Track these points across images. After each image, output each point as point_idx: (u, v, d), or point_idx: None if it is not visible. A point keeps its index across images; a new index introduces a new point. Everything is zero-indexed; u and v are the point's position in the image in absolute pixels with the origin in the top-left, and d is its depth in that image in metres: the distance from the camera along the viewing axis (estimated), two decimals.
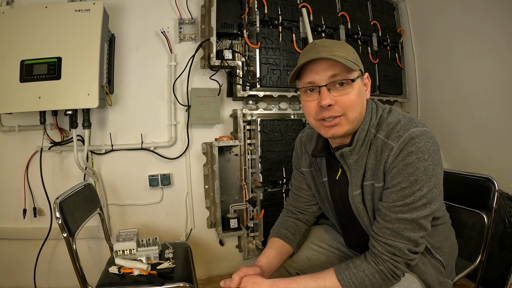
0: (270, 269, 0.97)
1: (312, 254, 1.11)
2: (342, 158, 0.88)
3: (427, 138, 0.77)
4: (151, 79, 1.81)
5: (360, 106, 0.83)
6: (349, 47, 0.86)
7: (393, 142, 0.79)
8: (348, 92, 0.80)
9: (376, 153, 0.83)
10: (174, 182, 1.87)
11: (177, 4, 1.80)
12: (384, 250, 0.79)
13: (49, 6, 1.48)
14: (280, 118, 1.84)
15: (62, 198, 1.12)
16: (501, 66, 1.69)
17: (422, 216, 0.77)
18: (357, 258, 0.84)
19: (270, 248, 1.02)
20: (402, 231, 0.78)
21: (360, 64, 0.85)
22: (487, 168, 1.78)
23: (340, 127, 0.83)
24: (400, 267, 0.79)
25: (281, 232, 1.07)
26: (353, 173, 0.88)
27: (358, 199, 0.88)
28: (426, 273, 0.87)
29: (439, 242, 0.92)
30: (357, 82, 0.82)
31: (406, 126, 0.79)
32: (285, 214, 1.15)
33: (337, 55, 0.79)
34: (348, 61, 0.79)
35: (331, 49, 0.81)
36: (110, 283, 1.17)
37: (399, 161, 0.77)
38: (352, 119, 0.82)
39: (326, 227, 1.18)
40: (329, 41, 0.85)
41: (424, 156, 0.76)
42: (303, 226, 1.11)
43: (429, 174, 0.76)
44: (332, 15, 1.98)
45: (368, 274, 0.78)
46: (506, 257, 1.54)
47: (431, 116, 2.15)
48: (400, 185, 0.77)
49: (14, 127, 1.63)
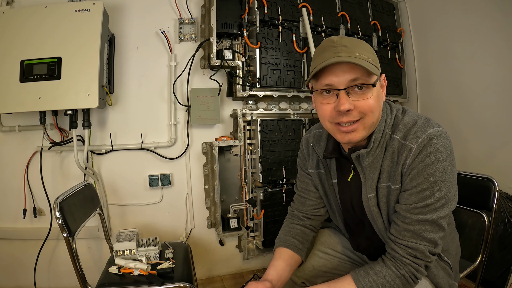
0: (280, 283, 0.91)
1: (318, 262, 1.07)
2: (357, 160, 0.85)
3: (444, 139, 0.76)
4: (151, 79, 1.81)
5: (378, 110, 0.80)
6: (369, 47, 0.81)
7: (411, 143, 0.77)
8: (368, 97, 0.77)
9: (392, 154, 0.81)
10: (174, 182, 1.87)
11: (177, 4, 1.80)
12: (406, 253, 0.77)
13: (49, 6, 1.48)
14: (280, 118, 1.84)
15: (62, 198, 1.12)
16: (501, 66, 1.69)
17: (442, 217, 0.76)
18: (376, 263, 0.81)
19: (278, 260, 0.96)
20: (423, 233, 0.76)
21: (379, 65, 0.81)
22: (487, 168, 1.77)
23: (357, 133, 0.80)
24: (421, 270, 0.77)
25: (289, 241, 1.01)
26: (367, 175, 0.85)
27: (372, 202, 0.85)
28: (438, 276, 0.86)
29: (447, 244, 0.91)
30: (376, 86, 0.79)
31: (423, 127, 0.78)
32: (290, 220, 1.08)
33: (358, 56, 0.75)
34: (369, 64, 0.75)
35: (351, 49, 0.76)
36: (110, 283, 1.17)
37: (419, 162, 0.76)
38: (369, 124, 0.79)
39: (330, 230, 1.14)
40: (348, 39, 0.79)
41: (443, 157, 0.75)
42: (310, 234, 1.06)
43: (448, 174, 0.76)
44: (332, 15, 1.98)
45: (389, 280, 0.76)
46: (506, 257, 1.54)
47: (431, 116, 2.07)
48: (420, 187, 0.76)
49: (14, 127, 1.63)
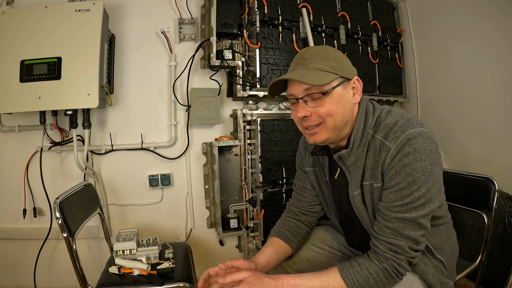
0: (266, 268, 0.97)
1: (313, 256, 1.11)
2: (340, 160, 0.90)
3: (424, 139, 0.78)
4: (151, 79, 1.81)
5: (341, 113, 0.84)
6: (331, 54, 0.85)
7: (391, 143, 0.80)
8: (323, 103, 0.82)
9: (374, 153, 0.84)
10: (174, 182, 1.87)
11: (177, 4, 1.80)
12: (386, 248, 0.80)
13: (49, 6, 1.48)
14: (280, 118, 1.84)
15: (62, 198, 1.12)
16: (501, 66, 1.70)
17: (421, 216, 0.78)
18: (360, 257, 0.84)
19: (269, 247, 1.02)
20: (402, 230, 0.79)
21: (343, 69, 0.84)
22: (487, 168, 1.78)
23: (320, 135, 0.86)
24: (403, 264, 0.79)
25: (282, 232, 1.07)
26: (352, 174, 0.89)
27: (358, 199, 0.89)
28: (427, 273, 0.88)
29: (441, 243, 0.93)
30: (335, 91, 0.83)
31: (404, 127, 0.80)
32: (286, 214, 1.15)
33: (312, 67, 0.82)
34: (317, 77, 0.80)
35: (309, 61, 0.84)
36: (110, 283, 1.17)
37: (397, 162, 0.78)
38: (331, 126, 0.84)
39: (327, 227, 1.18)
40: (311, 51, 0.87)
41: (421, 157, 0.77)
42: (304, 228, 1.11)
43: (427, 174, 0.77)
44: (332, 15, 1.98)
45: (372, 272, 0.79)
46: (506, 257, 1.54)
47: (431, 116, 2.15)
48: (398, 186, 0.79)
49: (14, 127, 1.63)
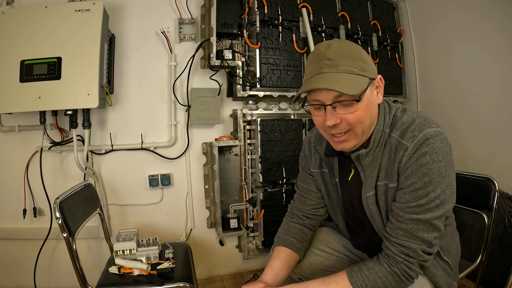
0: (276, 282, 0.92)
1: (315, 259, 1.08)
2: (357, 159, 0.87)
3: (441, 139, 0.77)
4: (151, 79, 1.81)
5: (369, 118, 0.80)
6: (357, 53, 0.79)
7: (408, 142, 0.78)
8: (354, 110, 0.77)
9: (390, 152, 0.82)
10: (174, 182, 1.87)
11: (177, 4, 1.80)
12: (398, 251, 0.78)
13: (49, 6, 1.48)
14: (280, 118, 1.84)
15: (62, 198, 1.12)
16: (501, 66, 1.69)
17: (435, 217, 0.76)
18: (370, 260, 0.82)
19: (276, 259, 0.97)
20: (415, 232, 0.77)
21: (369, 70, 0.79)
22: (487, 168, 1.77)
23: (349, 143, 0.82)
24: (414, 268, 0.77)
25: (288, 240, 1.02)
26: (367, 174, 0.86)
27: (371, 200, 0.86)
28: (437, 275, 0.86)
29: (447, 244, 0.91)
30: (365, 95, 0.77)
31: (421, 126, 0.78)
32: (290, 219, 1.09)
33: (342, 70, 0.76)
34: (352, 83, 0.74)
35: (336, 62, 0.76)
36: (110, 283, 1.17)
37: (413, 162, 0.76)
38: (359, 133, 0.81)
39: (328, 229, 1.15)
40: (335, 48, 0.78)
41: (438, 157, 0.75)
42: (309, 233, 1.07)
43: (443, 175, 0.76)
44: (332, 15, 1.98)
45: (381, 276, 0.77)
46: (506, 257, 1.54)
47: (431, 116, 2.11)
48: (414, 186, 0.77)
49: (14, 127, 1.63)
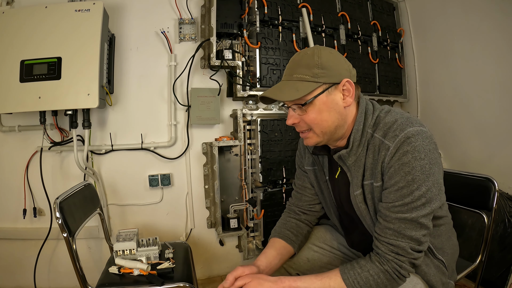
0: (268, 269, 0.96)
1: (313, 255, 1.11)
2: (340, 160, 0.90)
3: (423, 138, 0.78)
4: (151, 79, 1.81)
5: (326, 119, 0.84)
6: (314, 62, 0.82)
7: (390, 141, 0.80)
8: (305, 113, 0.85)
9: (374, 152, 0.84)
10: (174, 182, 1.87)
11: (177, 4, 1.80)
12: (388, 250, 0.80)
13: (49, 6, 1.48)
14: (280, 118, 1.84)
15: (62, 198, 1.12)
16: (501, 66, 1.69)
17: (422, 215, 0.78)
18: (362, 258, 0.84)
19: (270, 248, 1.02)
20: (403, 230, 0.78)
21: (327, 76, 0.82)
22: (487, 168, 1.78)
23: (310, 139, 0.89)
24: (405, 266, 0.79)
25: (283, 232, 1.07)
26: (353, 174, 0.89)
27: (359, 198, 0.89)
28: (429, 274, 0.87)
29: (441, 243, 0.92)
30: (318, 99, 0.83)
31: (403, 125, 0.80)
32: (287, 214, 1.14)
33: (295, 78, 0.84)
34: (294, 90, 0.82)
35: (292, 70, 0.86)
36: (110, 283, 1.17)
37: (396, 161, 0.78)
38: (319, 132, 0.86)
39: (327, 227, 1.18)
40: (296, 58, 0.87)
41: (420, 155, 0.76)
42: (305, 228, 1.11)
43: (426, 173, 0.77)
44: (332, 15, 1.98)
45: (373, 274, 0.79)
46: (506, 257, 1.54)
47: (431, 116, 2.15)
48: (397, 185, 0.78)
49: (14, 127, 1.63)
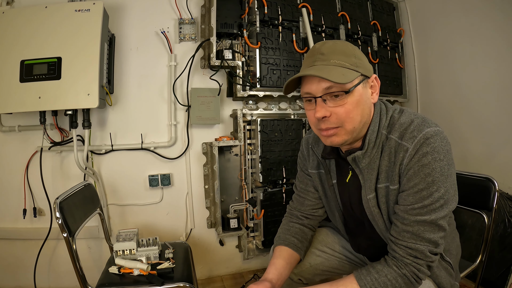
0: (280, 281, 0.93)
1: (315, 260, 1.08)
2: (354, 162, 0.86)
3: (441, 138, 0.76)
4: (151, 79, 1.81)
5: (360, 114, 0.80)
6: (350, 50, 0.81)
7: (408, 143, 0.77)
8: (344, 103, 0.78)
9: (389, 154, 0.81)
10: (174, 182, 1.87)
11: (177, 4, 1.80)
12: (406, 253, 0.77)
13: (49, 6, 1.48)
14: (280, 118, 1.84)
15: (62, 198, 1.12)
16: (501, 66, 1.69)
17: (440, 217, 0.76)
18: (378, 263, 0.82)
19: (278, 258, 0.98)
20: (422, 233, 0.76)
21: (363, 67, 0.81)
22: (487, 168, 1.77)
23: (338, 137, 0.82)
24: (423, 269, 0.77)
25: (288, 239, 1.03)
26: (366, 177, 0.86)
27: (372, 202, 0.85)
28: (440, 276, 0.86)
29: (448, 244, 0.91)
30: (357, 90, 0.78)
31: (420, 126, 0.77)
32: (289, 219, 1.10)
33: (333, 63, 0.78)
34: (340, 74, 0.76)
35: (328, 56, 0.79)
36: (110, 283, 1.17)
37: (415, 162, 0.76)
38: (350, 129, 0.80)
39: (328, 229, 1.15)
40: (329, 45, 0.82)
41: (440, 156, 0.75)
42: (309, 233, 1.07)
43: (445, 174, 0.75)
44: (332, 15, 1.98)
45: (390, 278, 0.77)
46: (506, 257, 1.54)
47: (431, 116, 2.11)
48: (417, 187, 0.76)
49: (14, 127, 1.63)
